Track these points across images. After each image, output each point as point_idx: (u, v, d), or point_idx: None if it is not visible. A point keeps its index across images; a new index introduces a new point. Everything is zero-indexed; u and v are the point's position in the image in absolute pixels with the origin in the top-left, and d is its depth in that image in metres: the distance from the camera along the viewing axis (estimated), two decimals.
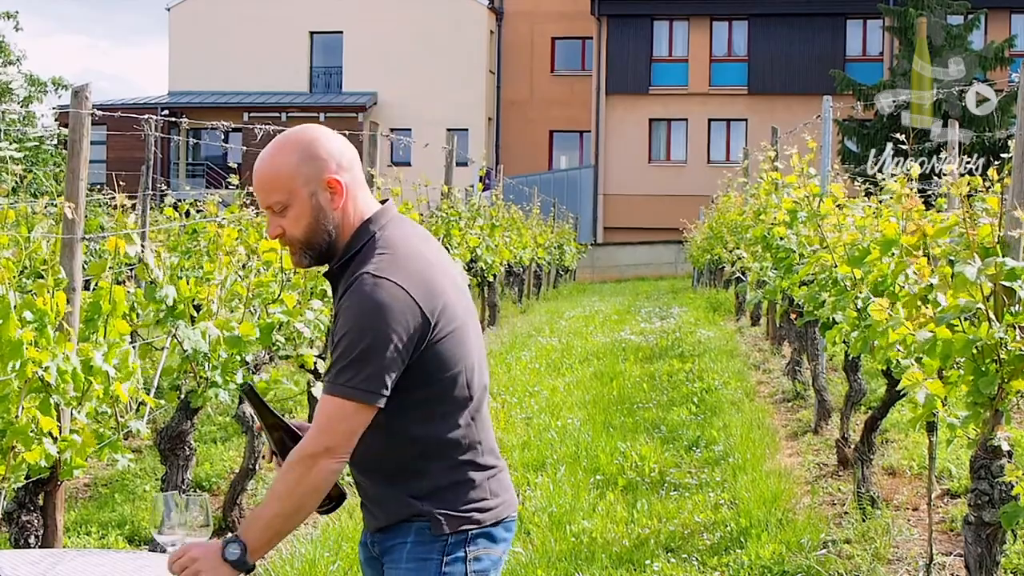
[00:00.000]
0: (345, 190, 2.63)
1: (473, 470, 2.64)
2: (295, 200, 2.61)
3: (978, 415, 3.90)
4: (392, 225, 2.68)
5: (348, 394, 2.49)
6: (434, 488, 2.61)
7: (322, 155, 2.61)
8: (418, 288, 2.54)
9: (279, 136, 2.67)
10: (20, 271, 5.91)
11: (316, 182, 2.60)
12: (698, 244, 22.57)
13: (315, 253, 2.66)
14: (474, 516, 2.62)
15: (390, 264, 2.55)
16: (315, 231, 2.63)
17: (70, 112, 4.60)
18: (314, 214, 2.61)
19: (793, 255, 7.95)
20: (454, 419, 2.62)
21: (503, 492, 2.70)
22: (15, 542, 4.37)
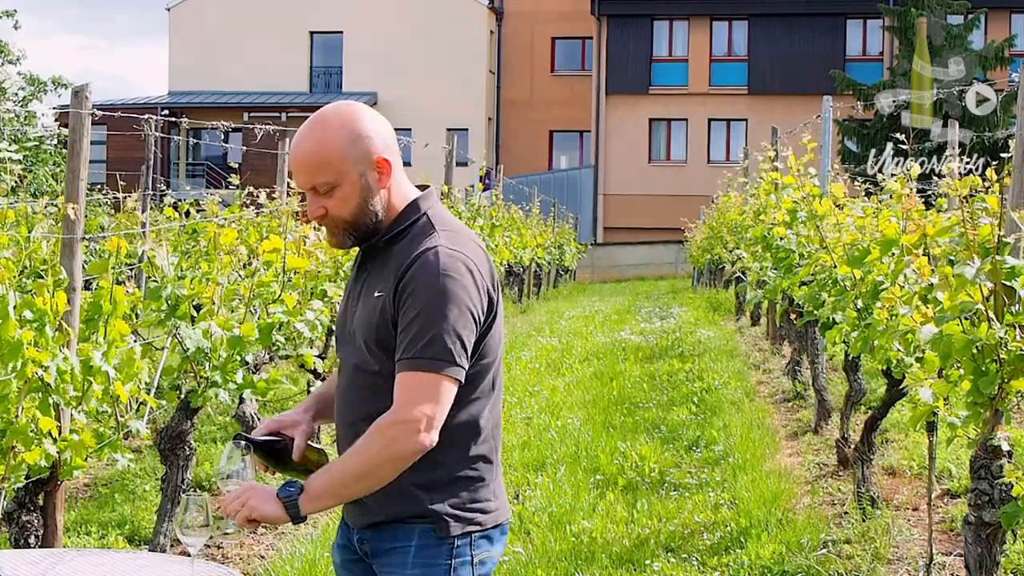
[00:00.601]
0: (392, 170, 2.60)
1: (486, 467, 2.59)
2: (344, 180, 2.55)
3: (978, 415, 3.90)
4: (439, 207, 2.67)
5: (437, 367, 2.43)
6: (445, 480, 2.53)
7: (370, 134, 2.57)
8: (483, 267, 2.54)
9: (319, 115, 2.61)
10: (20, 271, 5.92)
11: (365, 162, 2.56)
12: (698, 244, 22.57)
13: (360, 234, 2.61)
14: (478, 517, 2.57)
15: (458, 240, 2.54)
16: (363, 212, 2.58)
17: (70, 112, 4.60)
18: (363, 195, 2.57)
19: (793, 255, 7.95)
20: (478, 408, 2.57)
21: (502, 495, 2.66)
22: (15, 542, 4.37)
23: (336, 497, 2.50)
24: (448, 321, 2.44)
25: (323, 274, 6.88)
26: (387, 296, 2.52)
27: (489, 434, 2.60)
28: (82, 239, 4.60)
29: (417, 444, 2.42)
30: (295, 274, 6.20)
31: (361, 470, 2.44)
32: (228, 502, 2.51)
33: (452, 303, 2.45)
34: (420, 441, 2.42)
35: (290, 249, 6.19)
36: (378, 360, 2.55)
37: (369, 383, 2.57)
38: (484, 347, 2.54)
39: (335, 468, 2.48)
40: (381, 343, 2.53)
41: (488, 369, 2.57)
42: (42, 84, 24.07)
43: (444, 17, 38.42)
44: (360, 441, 2.46)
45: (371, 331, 2.55)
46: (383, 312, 2.52)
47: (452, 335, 2.44)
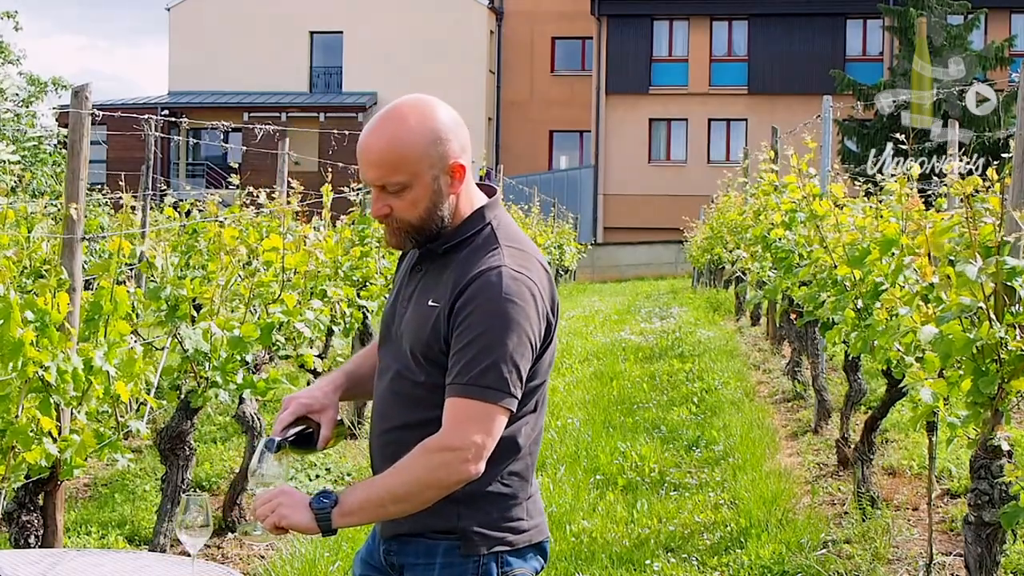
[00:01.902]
0: (464, 174, 2.49)
1: (520, 484, 2.50)
2: (417, 183, 2.44)
3: (978, 415, 3.90)
4: (505, 217, 2.56)
5: (496, 399, 2.34)
6: (476, 495, 2.43)
7: (450, 137, 2.46)
8: (545, 291, 2.45)
9: (396, 109, 2.46)
10: (20, 271, 5.92)
11: (441, 166, 2.45)
12: (698, 244, 22.57)
13: (422, 238, 2.49)
14: (508, 537, 2.47)
15: (523, 260, 2.44)
16: (430, 216, 2.46)
17: (70, 112, 4.60)
18: (433, 199, 2.45)
19: (793, 255, 7.95)
20: (519, 426, 2.48)
21: (538, 515, 2.56)
22: (15, 542, 4.37)
23: (371, 515, 2.41)
24: (507, 349, 2.34)
25: (323, 274, 6.89)
26: (443, 309, 2.42)
27: (527, 452, 2.51)
28: (82, 239, 4.60)
29: (463, 473, 2.34)
30: (295, 274, 6.20)
31: (402, 492, 2.35)
32: (259, 505, 2.42)
33: (512, 330, 2.35)
34: (467, 470, 2.34)
35: (289, 249, 6.19)
36: (424, 371, 2.46)
37: (409, 392, 2.49)
38: (535, 370, 2.46)
39: (375, 486, 2.38)
40: (429, 355, 2.44)
41: (536, 390, 2.49)
42: (42, 85, 24.07)
43: (444, 17, 38.43)
44: (404, 461, 2.37)
45: (420, 341, 2.45)
46: (436, 325, 2.43)
47: (509, 364, 2.35)
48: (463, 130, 2.51)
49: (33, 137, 20.69)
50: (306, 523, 2.37)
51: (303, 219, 8.31)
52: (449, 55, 38.31)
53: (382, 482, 2.38)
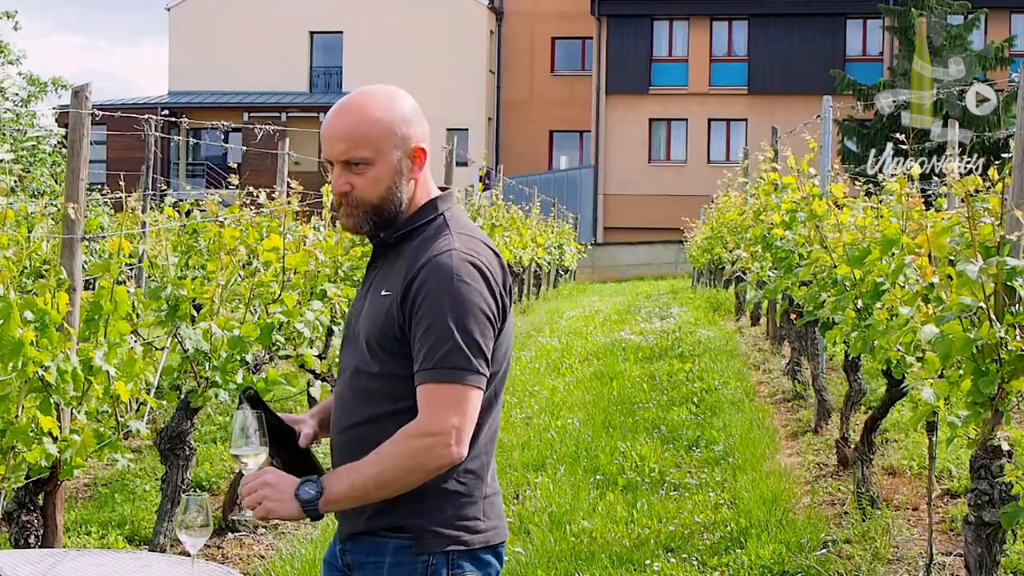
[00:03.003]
0: (423, 161, 2.54)
1: (475, 483, 2.47)
2: (381, 160, 2.48)
3: (978, 415, 3.90)
4: (457, 210, 2.59)
5: (459, 377, 2.35)
6: (430, 492, 2.41)
7: (415, 122, 2.52)
8: (497, 272, 2.47)
9: (366, 89, 2.53)
10: (20, 271, 5.92)
11: (405, 148, 2.49)
12: (698, 244, 22.57)
13: (380, 219, 2.51)
14: (463, 536, 2.44)
15: (472, 244, 2.46)
16: (389, 197, 2.50)
17: (70, 112, 4.60)
18: (395, 179, 2.49)
19: (793, 255, 7.95)
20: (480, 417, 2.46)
21: (495, 517, 2.52)
22: (15, 542, 4.37)
23: (356, 501, 2.39)
24: (467, 328, 2.36)
25: (323, 274, 6.89)
26: (395, 297, 2.44)
27: (482, 449, 2.48)
28: (82, 239, 4.60)
29: (446, 457, 2.34)
30: (295, 274, 6.20)
31: (386, 477, 2.34)
32: (245, 491, 2.41)
33: (468, 310, 2.38)
34: (449, 454, 2.34)
35: (289, 249, 6.19)
36: (379, 361, 2.46)
37: (366, 386, 2.48)
38: (492, 357, 2.45)
39: (362, 470, 2.36)
40: (384, 345, 2.45)
41: (491, 381, 2.46)
42: (42, 85, 24.06)
43: (444, 17, 38.43)
44: (387, 447, 2.36)
45: (375, 331, 2.46)
46: (389, 313, 2.44)
47: (472, 342, 2.36)
48: (425, 123, 2.57)
49: (32, 137, 20.69)
50: (294, 514, 2.37)
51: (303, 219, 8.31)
52: (449, 55, 38.31)
53: (366, 468, 2.36)
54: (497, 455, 7.56)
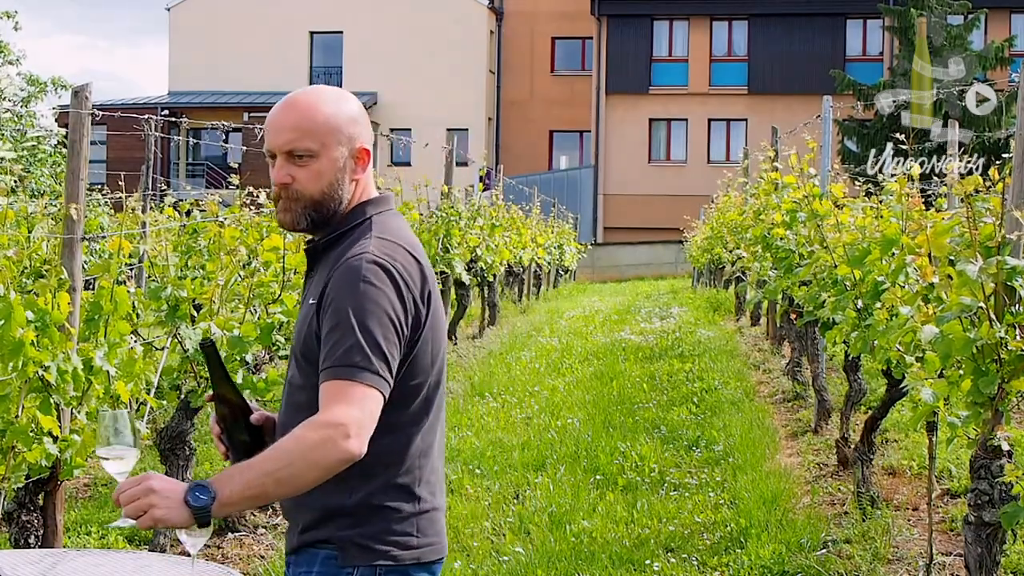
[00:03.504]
0: (366, 164, 2.51)
1: (404, 499, 2.40)
2: (325, 154, 2.45)
3: (978, 415, 3.90)
4: (390, 215, 2.54)
5: (357, 376, 2.26)
6: (356, 507, 2.37)
7: (364, 123, 2.52)
8: (411, 278, 2.39)
9: (316, 87, 2.54)
10: (20, 271, 5.92)
11: (350, 146, 2.47)
12: (698, 244, 22.57)
13: (318, 216, 2.47)
14: (391, 551, 2.37)
15: (389, 248, 2.40)
16: (330, 194, 2.46)
17: (70, 112, 4.60)
18: (337, 176, 2.46)
19: (793, 255, 7.96)
20: (404, 435, 2.41)
21: (432, 534, 2.44)
22: (15, 542, 4.37)
23: (252, 502, 2.26)
24: (368, 329, 2.29)
25: None
26: (315, 304, 2.40)
27: (414, 464, 2.41)
28: (82, 239, 4.60)
29: (344, 452, 2.22)
30: (295, 274, 6.20)
31: (284, 474, 2.21)
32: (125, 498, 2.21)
33: (371, 311, 2.30)
34: (348, 448, 2.22)
35: (289, 249, 6.19)
36: (304, 373, 2.41)
37: (297, 399, 2.43)
38: (412, 367, 2.39)
39: (255, 470, 2.22)
40: (308, 355, 2.40)
41: (416, 392, 2.41)
42: (42, 85, 24.07)
43: (444, 17, 38.43)
44: (283, 443, 2.24)
45: (300, 342, 2.43)
46: (311, 321, 2.40)
47: (372, 344, 2.28)
48: (370, 129, 2.56)
49: (32, 137, 20.69)
50: (184, 521, 2.20)
51: None
52: (449, 55, 38.31)
53: (262, 466, 2.22)
54: (497, 455, 7.51)
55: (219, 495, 2.19)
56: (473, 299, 15.87)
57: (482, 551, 5.72)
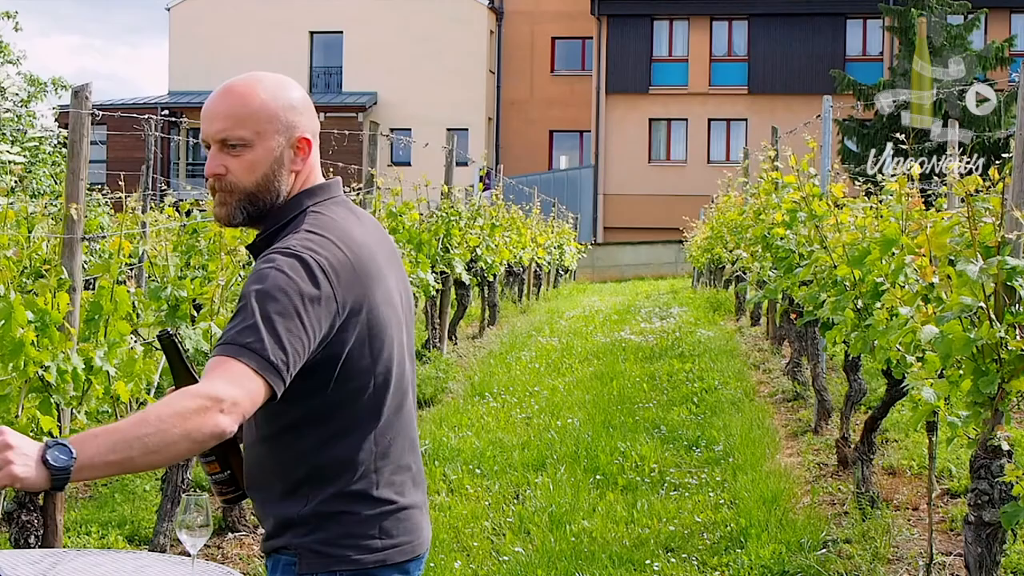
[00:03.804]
0: (308, 155, 2.38)
1: (361, 503, 2.30)
2: (260, 144, 2.32)
3: (978, 415, 3.90)
4: (330, 204, 2.38)
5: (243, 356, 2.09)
6: (311, 516, 2.29)
7: (303, 111, 2.39)
8: (336, 272, 2.22)
9: (254, 73, 2.41)
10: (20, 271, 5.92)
11: (288, 135, 2.35)
12: (698, 244, 22.57)
13: (254, 211, 2.35)
14: (350, 555, 2.29)
15: (313, 242, 2.24)
16: (266, 186, 2.33)
17: (70, 112, 4.60)
18: (273, 167, 2.33)
19: (793, 255, 7.96)
20: (352, 440, 2.30)
21: (401, 533, 2.35)
22: (15, 542, 4.37)
23: (116, 468, 2.03)
24: (269, 317, 2.12)
25: None
26: None
27: (370, 468, 2.31)
28: (82, 239, 4.60)
29: (216, 426, 2.03)
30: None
31: (153, 441, 2.00)
32: None
33: (275, 299, 2.14)
34: (220, 423, 2.04)
35: None
36: None
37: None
38: (345, 369, 2.26)
39: (121, 434, 2.00)
40: None
41: (357, 396, 2.29)
42: (42, 85, 24.07)
43: (444, 17, 38.44)
44: (157, 409, 2.04)
45: None
46: None
47: (272, 332, 2.11)
48: (315, 118, 2.43)
49: (34, 138, 20.70)
50: (40, 483, 1.98)
51: None
52: (449, 55, 38.32)
53: (131, 429, 2.01)
54: (497, 455, 7.52)
55: (80, 456, 1.98)
56: (473, 299, 15.87)
57: (482, 551, 5.72)
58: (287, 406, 2.23)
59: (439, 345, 11.97)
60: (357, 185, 9.47)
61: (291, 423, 2.29)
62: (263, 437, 2.35)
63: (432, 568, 5.38)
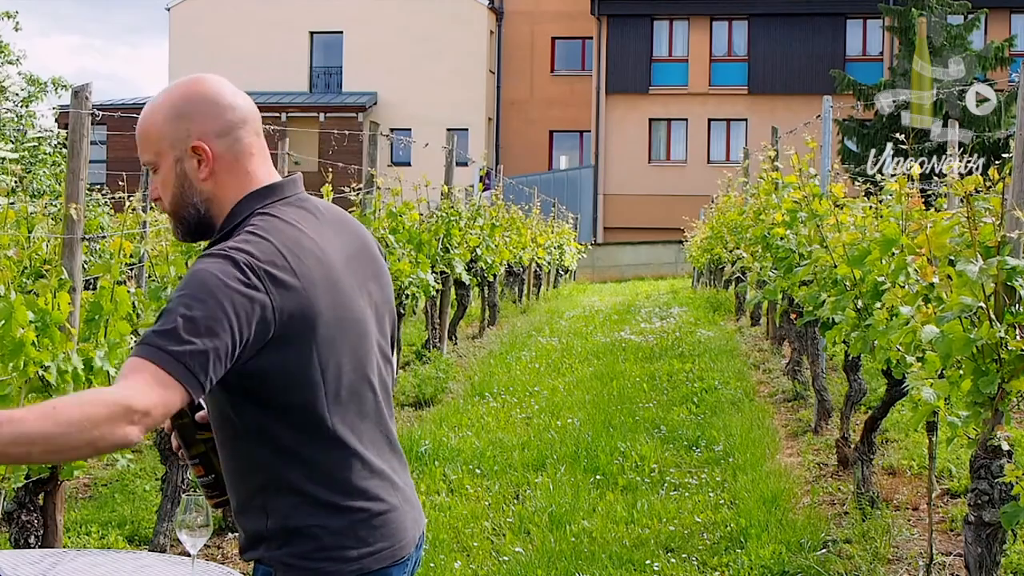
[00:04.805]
0: (213, 159, 2.23)
1: (330, 515, 2.22)
2: (162, 162, 2.25)
3: (978, 415, 3.90)
4: (282, 205, 2.26)
5: (154, 357, 1.99)
6: (278, 530, 2.22)
7: (195, 114, 2.24)
8: (269, 274, 2.11)
9: (172, 84, 2.32)
10: (21, 271, 5.92)
11: (182, 147, 2.23)
12: (698, 244, 22.57)
13: (185, 228, 2.29)
14: (325, 567, 2.21)
15: (248, 242, 2.13)
16: (180, 202, 2.26)
17: (70, 112, 4.60)
18: (179, 182, 2.25)
19: (793, 255, 7.96)
20: (309, 450, 2.21)
21: (378, 539, 2.26)
22: (15, 542, 4.37)
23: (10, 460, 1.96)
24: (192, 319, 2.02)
25: None
26: None
27: (333, 479, 2.22)
28: (82, 239, 4.61)
29: (123, 437, 1.95)
30: None
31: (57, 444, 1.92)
32: None
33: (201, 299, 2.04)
34: (127, 434, 1.95)
35: None
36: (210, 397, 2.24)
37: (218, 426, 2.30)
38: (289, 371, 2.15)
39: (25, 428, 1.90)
40: None
41: (308, 405, 2.18)
42: (42, 85, 24.07)
43: (444, 17, 38.44)
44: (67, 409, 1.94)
45: None
46: None
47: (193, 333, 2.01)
48: (236, 111, 2.28)
49: (34, 138, 20.69)
50: None
51: None
52: (449, 55, 38.32)
53: (36, 425, 1.91)
54: (497, 455, 7.51)
55: None
56: (473, 299, 15.87)
57: (482, 551, 5.72)
58: (234, 415, 2.19)
59: (439, 345, 11.98)
60: (357, 185, 9.47)
61: (242, 431, 2.21)
62: (220, 443, 2.29)
63: (432, 568, 5.38)
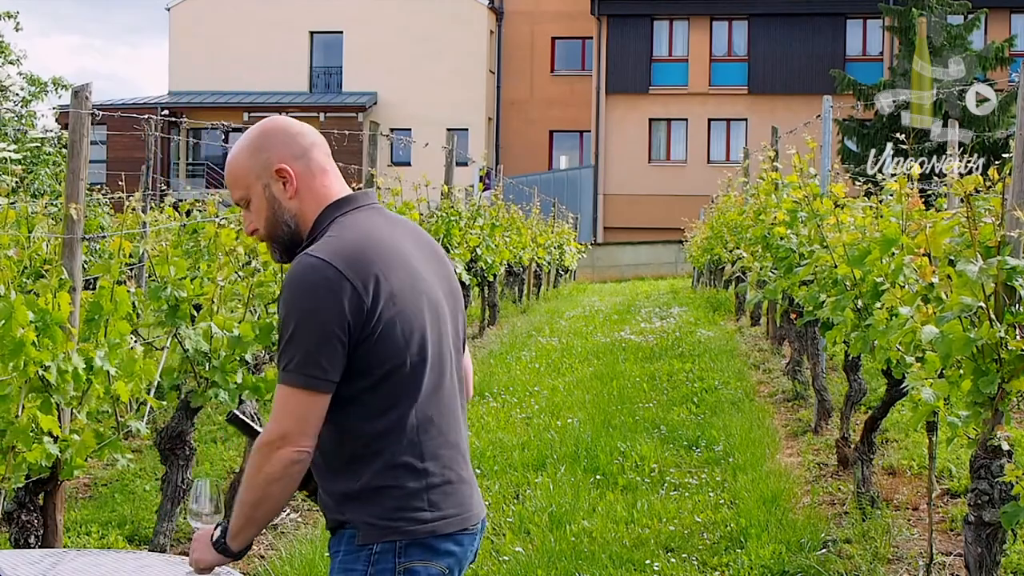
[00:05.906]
0: (295, 177, 2.58)
1: (407, 476, 2.49)
2: (252, 194, 2.60)
3: (978, 415, 3.90)
4: (351, 215, 2.59)
5: (287, 379, 2.42)
6: (363, 490, 2.49)
7: (272, 145, 2.59)
8: (352, 266, 2.43)
9: (245, 133, 2.67)
10: (21, 271, 5.92)
11: (267, 173, 2.58)
12: (698, 244, 22.56)
13: (281, 246, 2.63)
14: (403, 527, 2.48)
15: (326, 245, 2.48)
16: (274, 223, 2.61)
17: (70, 112, 4.60)
18: (270, 206, 2.59)
19: (793, 255, 7.95)
20: (392, 416, 2.49)
21: (449, 506, 2.53)
22: (15, 542, 4.37)
23: (251, 529, 2.53)
24: (299, 334, 2.41)
25: None
26: None
27: (413, 440, 2.50)
28: (82, 239, 4.61)
29: (285, 461, 2.42)
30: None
31: (253, 497, 2.48)
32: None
33: (300, 316, 2.41)
34: (283, 457, 2.42)
35: None
36: None
37: None
38: (377, 351, 2.45)
39: (238, 503, 2.51)
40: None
41: (391, 375, 2.47)
42: (42, 85, 24.05)
43: (444, 17, 38.43)
44: (248, 474, 2.49)
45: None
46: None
47: (302, 347, 2.40)
48: (302, 138, 2.62)
49: (35, 138, 20.69)
50: (216, 560, 2.57)
51: None
52: (449, 55, 38.32)
53: (240, 496, 2.50)
54: (497, 455, 7.50)
55: (229, 529, 2.54)
56: (473, 299, 15.87)
57: (482, 551, 5.72)
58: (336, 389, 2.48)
59: None
60: (357, 185, 9.47)
61: (337, 404, 2.46)
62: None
63: None
